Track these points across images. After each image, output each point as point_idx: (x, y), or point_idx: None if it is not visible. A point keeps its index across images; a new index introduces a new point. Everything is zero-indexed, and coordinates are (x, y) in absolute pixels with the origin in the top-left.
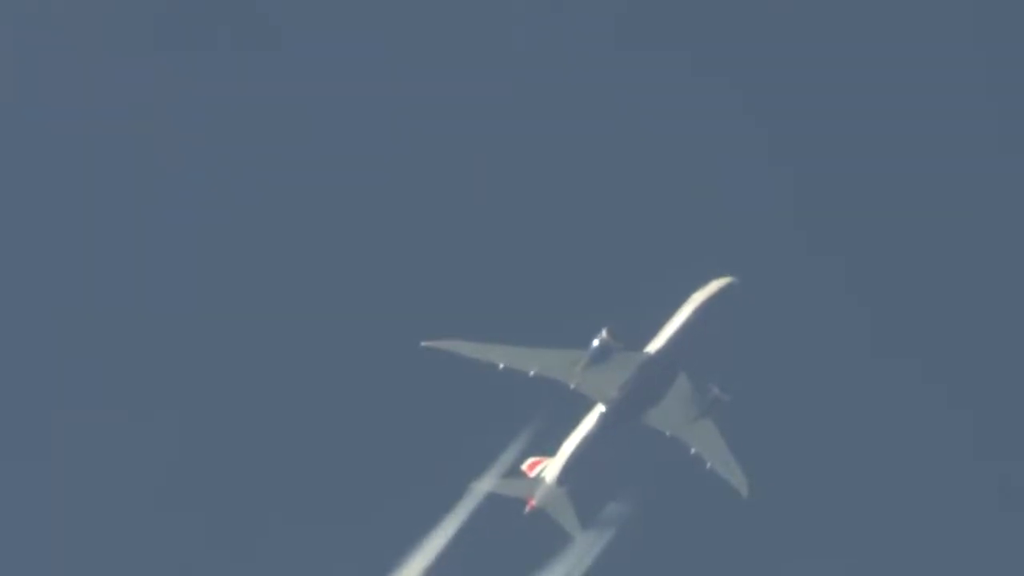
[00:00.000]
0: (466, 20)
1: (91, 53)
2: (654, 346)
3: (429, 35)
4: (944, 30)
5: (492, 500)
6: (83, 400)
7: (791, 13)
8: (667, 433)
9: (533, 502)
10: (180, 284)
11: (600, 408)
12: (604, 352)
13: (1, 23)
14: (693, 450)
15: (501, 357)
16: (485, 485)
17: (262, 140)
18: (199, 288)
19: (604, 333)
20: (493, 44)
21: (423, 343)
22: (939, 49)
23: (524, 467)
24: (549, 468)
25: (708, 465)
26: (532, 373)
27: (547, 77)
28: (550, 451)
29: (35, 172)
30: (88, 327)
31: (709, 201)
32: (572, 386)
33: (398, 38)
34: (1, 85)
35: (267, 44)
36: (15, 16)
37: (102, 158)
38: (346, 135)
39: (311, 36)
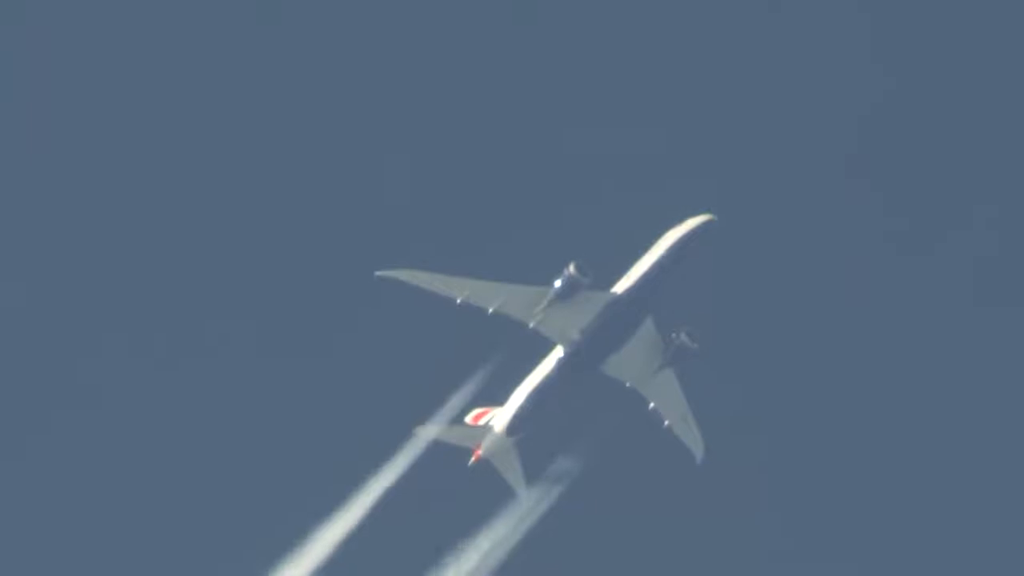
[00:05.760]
0: None
1: None
2: (623, 286)
3: None
4: None
5: (436, 448)
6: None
7: None
8: (626, 384)
9: (479, 452)
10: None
11: (559, 352)
12: (569, 289)
13: None
14: (652, 405)
15: (460, 290)
16: (430, 431)
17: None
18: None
19: (571, 268)
20: None
21: (377, 273)
22: None
23: (468, 419)
24: (498, 416)
25: (665, 423)
26: (491, 310)
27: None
28: (501, 399)
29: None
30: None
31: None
32: (531, 325)
33: None
34: None
35: None
36: None
37: None
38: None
39: None
